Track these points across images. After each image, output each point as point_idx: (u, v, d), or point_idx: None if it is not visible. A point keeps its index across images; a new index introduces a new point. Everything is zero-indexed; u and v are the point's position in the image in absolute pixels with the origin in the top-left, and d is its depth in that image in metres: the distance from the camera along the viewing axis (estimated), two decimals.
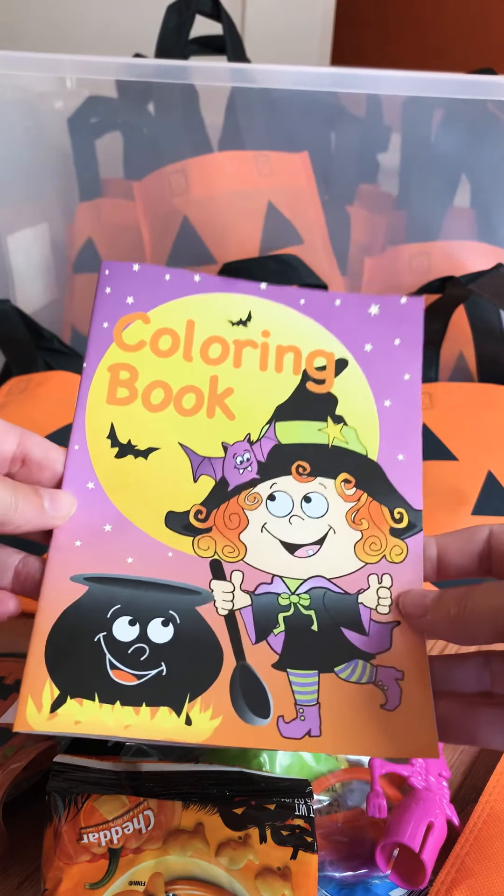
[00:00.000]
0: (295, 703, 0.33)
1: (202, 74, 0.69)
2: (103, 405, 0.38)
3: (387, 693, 0.33)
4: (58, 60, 0.69)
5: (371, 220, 0.81)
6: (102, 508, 0.36)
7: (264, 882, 0.35)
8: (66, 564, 0.35)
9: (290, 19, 1.29)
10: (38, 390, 0.70)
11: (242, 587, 0.35)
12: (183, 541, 0.36)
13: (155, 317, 0.40)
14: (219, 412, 0.38)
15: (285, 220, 0.76)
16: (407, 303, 0.41)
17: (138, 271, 0.40)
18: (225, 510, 0.36)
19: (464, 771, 0.46)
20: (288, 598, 0.35)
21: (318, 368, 0.39)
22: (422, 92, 0.67)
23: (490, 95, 0.66)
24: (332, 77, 0.67)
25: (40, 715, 0.32)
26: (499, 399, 0.68)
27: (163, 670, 0.33)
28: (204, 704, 0.33)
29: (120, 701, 0.33)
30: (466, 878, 0.38)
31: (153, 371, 0.39)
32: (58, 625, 0.34)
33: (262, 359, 0.39)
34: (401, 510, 0.37)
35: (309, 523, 0.36)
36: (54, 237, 0.87)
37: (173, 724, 0.32)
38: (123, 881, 0.34)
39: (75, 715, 0.32)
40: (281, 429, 0.38)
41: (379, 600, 0.35)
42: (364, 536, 0.36)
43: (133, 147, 0.80)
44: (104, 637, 0.34)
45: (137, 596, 0.34)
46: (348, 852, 0.41)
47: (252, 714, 0.33)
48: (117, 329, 0.39)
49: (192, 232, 0.75)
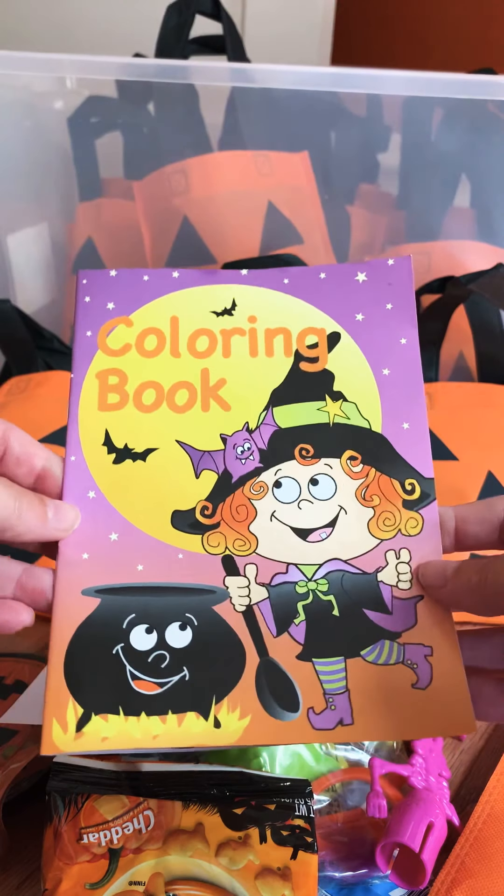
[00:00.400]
0: (324, 693, 0.33)
1: (202, 74, 0.69)
2: (95, 413, 0.38)
3: (417, 671, 0.33)
4: (58, 60, 0.69)
5: (371, 220, 0.81)
6: (106, 517, 0.36)
7: (264, 882, 0.35)
8: (75, 579, 0.34)
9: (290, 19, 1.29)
10: (38, 390, 0.71)
11: (258, 580, 0.35)
12: (192, 540, 0.35)
13: (138, 319, 0.39)
14: (213, 405, 0.38)
15: (285, 220, 0.76)
16: (394, 264, 0.39)
17: (115, 276, 0.40)
18: (231, 503, 0.36)
19: (464, 771, 0.46)
20: (305, 585, 0.34)
21: (309, 347, 0.38)
22: (422, 92, 0.67)
23: (490, 95, 0.66)
24: (332, 77, 0.67)
25: (66, 736, 0.32)
26: (499, 399, 0.68)
27: (185, 675, 0.33)
28: (231, 705, 0.32)
29: (145, 712, 0.32)
30: (466, 878, 0.38)
31: (142, 372, 0.38)
32: (74, 641, 0.33)
33: (251, 345, 0.39)
34: (412, 481, 0.36)
35: (318, 506, 0.36)
36: (54, 237, 0.87)
37: (202, 729, 0.32)
38: (123, 881, 0.34)
39: (102, 731, 0.32)
40: (279, 413, 0.37)
41: (399, 576, 0.34)
42: (377, 513, 0.36)
43: (133, 147, 0.80)
44: (122, 648, 0.33)
45: (151, 602, 0.34)
46: (348, 852, 0.41)
47: (281, 709, 0.32)
48: (101, 336, 0.39)
49: (192, 232, 0.75)
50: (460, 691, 0.32)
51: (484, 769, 0.46)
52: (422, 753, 0.44)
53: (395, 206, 0.81)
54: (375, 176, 0.81)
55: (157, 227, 0.77)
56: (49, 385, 0.71)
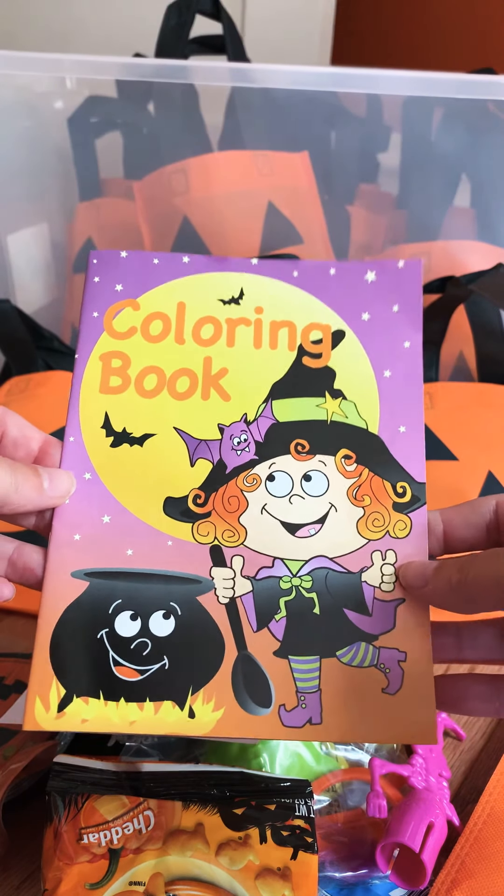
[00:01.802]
0: (296, 691, 0.33)
1: (202, 74, 0.69)
2: (96, 395, 0.38)
3: (389, 676, 0.33)
4: (58, 60, 0.69)
5: (371, 219, 0.81)
6: (100, 499, 0.36)
7: (264, 882, 0.34)
8: (66, 560, 0.35)
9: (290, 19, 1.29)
10: (38, 390, 0.71)
11: (243, 573, 0.35)
12: (182, 528, 0.36)
13: (145, 302, 0.39)
14: (213, 394, 0.38)
15: (285, 220, 0.76)
16: (405, 266, 0.39)
17: (126, 258, 0.40)
18: (224, 493, 0.36)
19: (464, 771, 0.46)
20: (289, 581, 0.35)
21: (314, 342, 0.39)
22: (422, 92, 0.67)
23: (490, 95, 0.66)
24: (332, 77, 0.67)
25: (48, 714, 0.33)
26: (499, 399, 0.68)
27: (165, 664, 0.33)
28: (206, 696, 0.33)
29: (124, 697, 0.33)
30: (466, 879, 0.38)
31: (145, 357, 0.38)
32: (61, 623, 0.34)
33: (255, 336, 0.39)
34: (403, 484, 0.36)
35: (309, 502, 0.36)
36: (54, 237, 0.87)
37: (177, 718, 0.33)
38: (123, 881, 0.34)
39: (82, 713, 0.33)
40: (278, 407, 0.38)
41: (383, 577, 0.35)
42: (366, 513, 0.36)
43: (133, 147, 0.80)
44: (107, 633, 0.34)
45: (138, 589, 0.34)
46: (348, 852, 0.41)
47: (254, 704, 0.33)
48: (107, 317, 0.39)
49: (192, 232, 0.75)
50: (427, 701, 0.33)
51: (484, 769, 0.46)
52: (422, 753, 0.44)
53: (395, 206, 0.81)
54: (375, 176, 0.81)
55: (157, 227, 0.77)
56: (49, 385, 0.71)
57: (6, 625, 0.57)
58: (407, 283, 0.39)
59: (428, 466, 0.37)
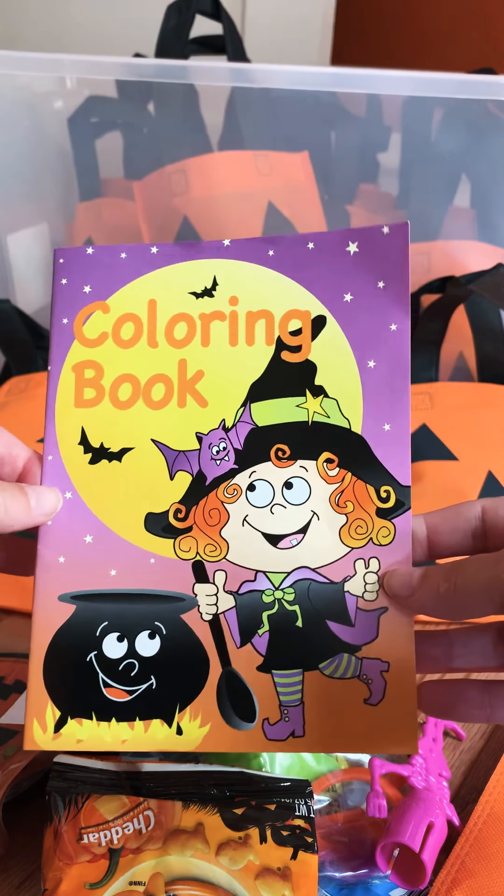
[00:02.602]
0: (279, 705, 0.33)
1: (202, 74, 0.69)
2: (72, 409, 0.37)
3: (371, 687, 0.33)
4: (58, 60, 0.69)
5: (371, 220, 0.81)
6: (82, 518, 0.36)
7: (264, 882, 0.34)
8: (53, 583, 0.35)
9: (290, 19, 1.29)
10: (38, 390, 0.71)
11: (226, 588, 0.34)
12: (164, 544, 0.35)
13: (115, 304, 0.37)
14: (190, 400, 0.36)
15: (285, 220, 0.76)
16: (390, 232, 0.36)
17: (92, 254, 0.38)
18: (204, 506, 0.35)
19: (464, 771, 0.46)
20: (272, 594, 0.34)
21: (292, 333, 0.36)
22: (422, 92, 0.67)
23: (490, 95, 0.66)
24: (332, 77, 0.67)
25: (46, 735, 0.34)
26: (499, 399, 0.68)
27: (152, 683, 0.34)
28: (193, 713, 0.33)
29: (115, 718, 0.34)
30: (467, 879, 0.38)
31: (118, 365, 0.37)
32: (52, 647, 0.34)
33: (231, 332, 0.36)
34: (387, 488, 0.35)
35: (291, 511, 0.35)
36: (54, 237, 0.87)
37: (165, 735, 0.33)
38: (123, 881, 0.34)
39: (76, 734, 0.34)
40: (257, 410, 0.36)
41: (366, 587, 0.34)
42: (349, 520, 0.35)
43: (133, 147, 0.80)
44: (95, 656, 0.34)
45: (123, 610, 0.35)
46: (348, 852, 0.41)
47: (238, 719, 0.33)
48: (77, 323, 0.37)
49: (192, 232, 0.75)
50: (408, 710, 0.33)
51: (484, 769, 0.46)
52: (422, 753, 0.44)
53: (395, 206, 0.81)
54: (375, 176, 0.81)
55: (157, 227, 0.77)
56: None
57: (6, 625, 0.57)
58: (393, 253, 0.35)
59: (428, 466, 0.36)
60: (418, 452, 0.63)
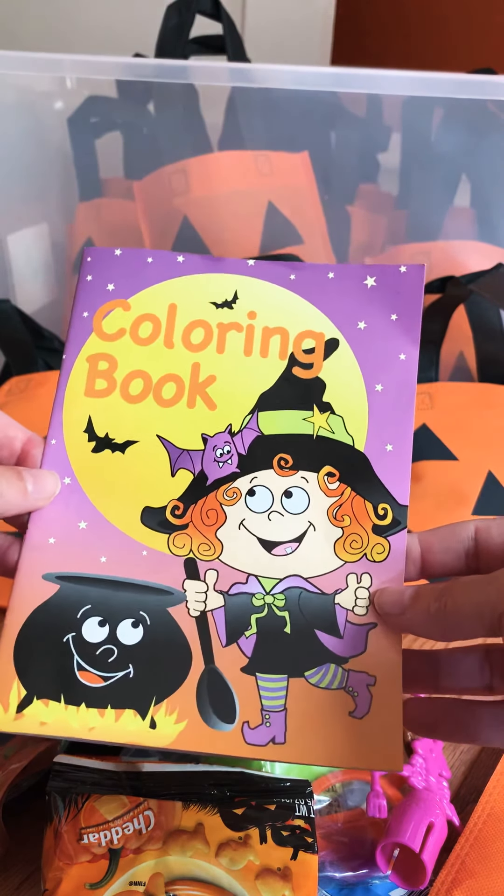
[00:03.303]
0: (261, 709, 0.33)
1: (202, 74, 0.69)
2: (81, 398, 0.37)
3: (357, 700, 0.33)
4: (58, 60, 0.69)
5: (371, 220, 0.81)
6: (78, 505, 0.36)
7: (264, 883, 0.35)
8: (38, 562, 0.35)
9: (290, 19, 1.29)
10: (38, 390, 0.70)
11: (216, 587, 0.34)
12: (158, 538, 0.35)
13: (136, 303, 0.39)
14: (200, 402, 0.37)
15: (285, 220, 0.76)
16: (406, 271, 0.38)
17: (120, 256, 0.39)
18: (203, 506, 0.36)
19: (464, 771, 0.46)
20: (262, 598, 0.34)
21: (305, 351, 0.38)
22: (422, 92, 0.67)
23: (490, 95, 0.66)
24: (332, 77, 0.67)
25: (6, 715, 0.32)
26: (499, 399, 0.68)
27: (130, 672, 0.33)
28: (169, 708, 0.33)
29: (85, 703, 0.33)
30: (467, 879, 0.38)
31: (133, 360, 0.38)
32: (27, 624, 0.34)
33: (246, 343, 0.38)
34: (385, 506, 0.35)
35: (288, 519, 0.35)
36: (54, 237, 0.87)
37: (137, 728, 0.32)
38: (123, 881, 0.34)
39: (41, 716, 0.33)
40: (264, 419, 0.37)
41: (356, 601, 0.34)
42: (345, 534, 0.35)
43: (133, 147, 0.80)
44: (73, 638, 0.34)
45: (109, 596, 0.34)
46: (348, 852, 0.41)
47: (217, 719, 0.32)
48: (97, 318, 0.38)
49: (192, 232, 0.75)
50: (394, 727, 0.32)
51: (484, 769, 0.46)
52: (422, 753, 0.44)
53: (395, 206, 0.81)
54: (375, 176, 0.81)
55: (157, 227, 0.77)
56: (49, 385, 0.71)
57: None
58: (408, 290, 0.38)
59: (428, 466, 0.36)
60: (418, 452, 0.63)
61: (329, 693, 0.33)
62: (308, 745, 0.32)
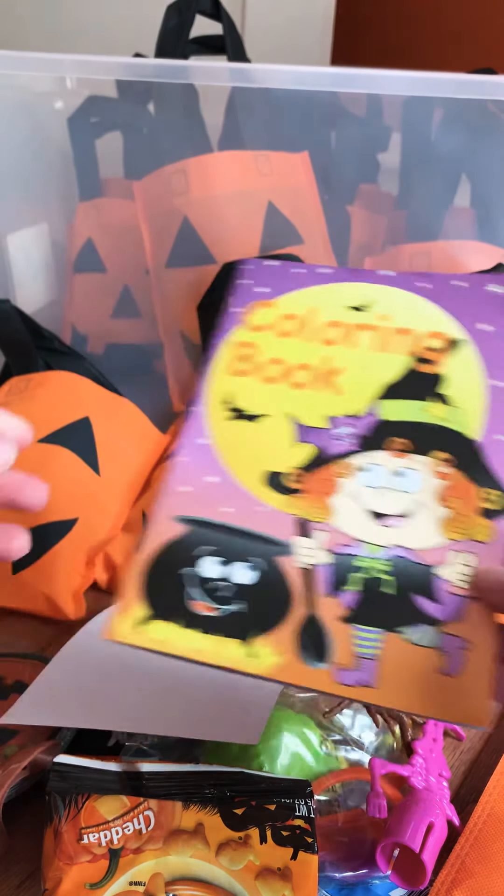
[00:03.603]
0: (355, 654, 0.34)
1: (202, 74, 0.69)
2: (224, 375, 0.42)
3: (449, 659, 0.34)
4: (58, 60, 0.69)
5: (371, 220, 0.81)
6: (211, 462, 0.40)
7: (264, 882, 0.35)
8: (173, 506, 0.39)
9: (290, 19, 1.29)
10: (38, 390, 0.70)
11: (324, 546, 0.37)
12: (277, 498, 0.39)
13: (281, 303, 0.44)
14: (328, 388, 0.41)
15: (285, 220, 0.76)
16: None
17: (270, 266, 0.46)
18: (319, 475, 0.39)
19: (464, 771, 0.46)
20: (366, 560, 0.36)
21: (431, 349, 0.41)
22: (422, 92, 0.67)
23: (490, 95, 0.66)
24: (332, 77, 0.67)
25: (128, 628, 0.36)
26: None
27: (239, 607, 0.36)
28: (270, 642, 0.35)
29: (198, 628, 0.36)
30: (467, 879, 0.38)
31: (273, 349, 0.43)
32: (156, 556, 0.38)
33: (376, 340, 0.42)
34: (495, 492, 0.37)
35: (399, 496, 0.38)
36: (54, 237, 0.87)
37: (239, 655, 0.35)
38: (123, 881, 0.34)
39: (156, 633, 0.36)
40: (386, 406, 0.40)
41: (458, 576, 0.36)
42: (452, 514, 0.37)
43: (133, 147, 0.80)
44: (194, 572, 0.37)
45: (228, 540, 0.38)
46: (348, 852, 0.41)
47: (312, 658, 0.35)
48: (245, 313, 0.44)
49: (192, 232, 0.75)
50: (484, 685, 0.33)
51: (484, 769, 0.46)
52: (422, 753, 0.44)
53: (395, 206, 0.81)
54: (375, 176, 0.81)
55: (157, 227, 0.77)
56: (49, 385, 0.71)
57: (6, 625, 0.57)
58: None
59: None
60: None
61: (422, 650, 0.34)
62: (397, 692, 0.34)
